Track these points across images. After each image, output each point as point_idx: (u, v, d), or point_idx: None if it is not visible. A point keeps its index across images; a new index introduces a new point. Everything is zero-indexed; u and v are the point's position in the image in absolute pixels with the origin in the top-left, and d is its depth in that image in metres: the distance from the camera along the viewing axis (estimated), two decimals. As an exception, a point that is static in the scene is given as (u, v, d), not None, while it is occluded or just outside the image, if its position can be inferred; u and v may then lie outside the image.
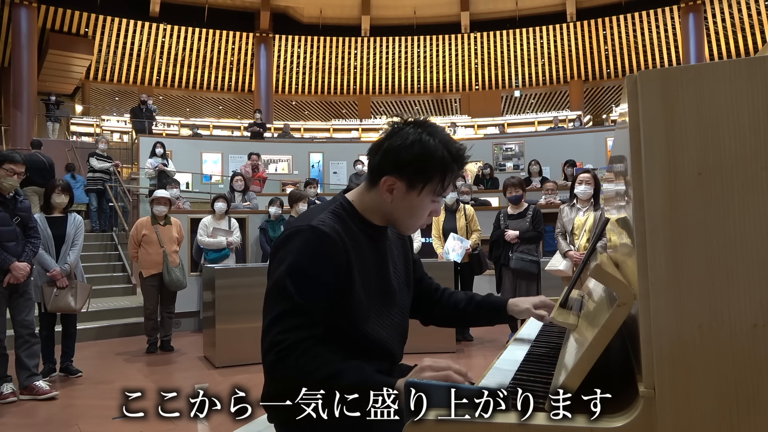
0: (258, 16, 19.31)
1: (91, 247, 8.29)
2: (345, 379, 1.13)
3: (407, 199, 1.28)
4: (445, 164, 1.26)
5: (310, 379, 1.13)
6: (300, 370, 1.14)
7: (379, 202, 1.32)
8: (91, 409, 3.72)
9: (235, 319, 4.78)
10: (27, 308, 3.98)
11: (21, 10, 15.50)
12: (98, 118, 18.30)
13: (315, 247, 1.22)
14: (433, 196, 1.29)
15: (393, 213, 1.32)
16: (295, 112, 22.45)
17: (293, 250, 1.23)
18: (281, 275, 1.21)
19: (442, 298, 1.57)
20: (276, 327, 1.18)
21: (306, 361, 1.15)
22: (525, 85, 20.88)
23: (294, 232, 1.26)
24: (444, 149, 1.26)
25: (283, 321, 1.18)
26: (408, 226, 1.36)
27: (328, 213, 1.30)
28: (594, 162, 10.14)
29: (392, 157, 1.26)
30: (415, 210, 1.31)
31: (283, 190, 10.97)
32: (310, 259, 1.21)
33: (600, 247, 1.65)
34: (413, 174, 1.26)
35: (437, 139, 1.26)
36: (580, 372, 0.98)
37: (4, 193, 3.89)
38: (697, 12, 17.52)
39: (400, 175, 1.26)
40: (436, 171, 1.26)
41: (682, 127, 0.95)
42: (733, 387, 0.91)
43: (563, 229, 4.83)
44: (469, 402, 1.00)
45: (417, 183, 1.26)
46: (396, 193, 1.28)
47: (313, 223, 1.25)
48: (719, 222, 0.93)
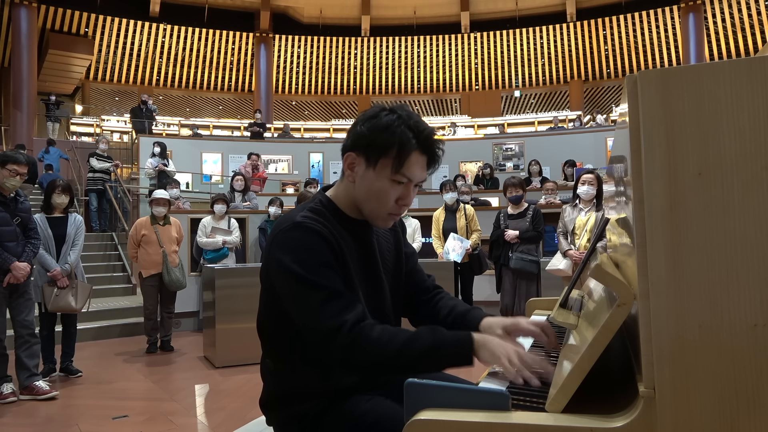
0: (258, 16, 19.32)
1: (91, 247, 8.29)
2: (420, 344, 1.15)
3: (366, 178, 1.26)
4: (403, 139, 1.23)
5: (388, 350, 1.15)
6: (376, 344, 1.15)
7: (349, 189, 1.31)
8: (91, 409, 3.72)
9: (235, 319, 4.78)
10: (27, 308, 3.99)
11: (21, 10, 15.50)
12: (98, 118, 18.31)
13: (308, 238, 1.22)
14: (391, 174, 1.24)
15: (358, 197, 1.30)
16: (295, 112, 22.46)
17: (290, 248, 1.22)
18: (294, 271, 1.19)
19: (431, 302, 1.50)
20: (326, 315, 1.16)
21: (377, 336, 1.16)
22: (525, 85, 20.89)
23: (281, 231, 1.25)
24: (403, 125, 1.24)
25: (328, 308, 1.17)
26: (374, 213, 1.30)
27: (306, 211, 1.29)
28: (594, 162, 10.15)
29: (352, 132, 1.28)
30: (375, 191, 1.26)
31: (283, 190, 10.97)
32: (310, 249, 1.21)
33: (600, 247, 1.65)
34: (368, 147, 1.24)
35: (397, 115, 1.25)
36: (580, 372, 0.98)
37: (5, 193, 3.90)
38: (697, 12, 17.52)
39: (358, 150, 1.26)
40: (391, 145, 1.22)
41: (682, 127, 0.95)
42: (733, 387, 0.91)
43: (565, 228, 4.83)
44: (470, 402, 1.00)
45: (372, 156, 1.24)
46: (357, 170, 1.27)
47: (297, 219, 1.24)
48: (719, 222, 0.93)
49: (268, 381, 1.37)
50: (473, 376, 1.28)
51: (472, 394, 1.02)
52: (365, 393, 1.29)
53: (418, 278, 1.53)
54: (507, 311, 5.10)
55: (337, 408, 1.27)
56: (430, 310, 1.49)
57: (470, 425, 0.97)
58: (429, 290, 1.52)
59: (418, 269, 1.54)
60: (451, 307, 1.46)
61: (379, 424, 1.23)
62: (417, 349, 1.15)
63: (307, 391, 1.29)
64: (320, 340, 1.17)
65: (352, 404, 1.27)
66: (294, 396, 1.30)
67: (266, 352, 1.37)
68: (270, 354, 1.36)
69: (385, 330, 1.18)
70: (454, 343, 1.17)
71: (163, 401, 3.86)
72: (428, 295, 1.51)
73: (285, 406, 1.32)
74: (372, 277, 1.35)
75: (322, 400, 1.28)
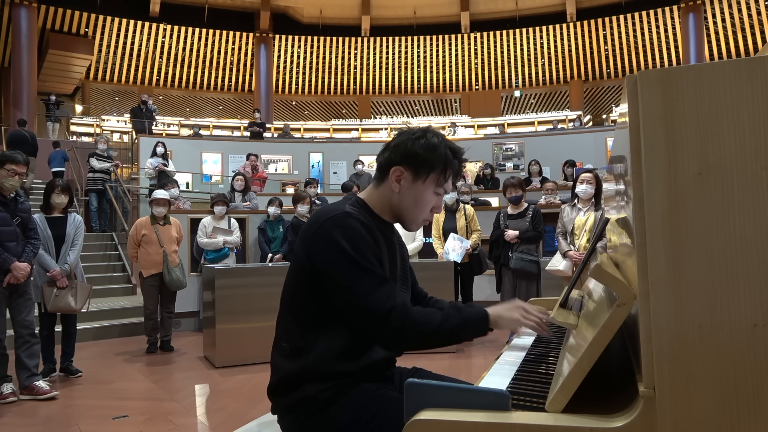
0: (258, 16, 19.33)
1: (91, 247, 8.29)
2: (451, 322, 1.35)
3: (413, 188, 1.44)
4: (447, 158, 1.44)
5: (429, 329, 1.32)
6: (420, 324, 1.32)
7: (388, 195, 1.47)
8: (91, 409, 3.72)
9: (235, 319, 4.78)
10: (27, 308, 3.98)
11: (21, 10, 15.50)
12: (98, 118, 18.31)
13: (359, 228, 1.35)
14: (435, 187, 1.45)
15: (400, 204, 1.46)
16: (295, 112, 22.46)
17: (344, 233, 1.34)
18: (349, 254, 1.32)
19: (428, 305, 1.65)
20: (379, 298, 1.31)
21: (418, 317, 1.33)
22: (525, 85, 20.89)
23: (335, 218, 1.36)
24: (445, 146, 1.44)
25: (380, 292, 1.31)
26: (413, 218, 1.48)
27: (349, 206, 1.42)
28: (594, 162, 10.14)
29: (401, 149, 1.44)
30: (419, 200, 1.45)
31: (283, 190, 10.97)
32: (362, 237, 1.35)
33: (600, 247, 1.65)
34: (419, 163, 1.42)
35: (439, 138, 1.46)
36: (580, 372, 0.98)
37: (5, 193, 3.89)
38: (697, 12, 17.52)
39: (407, 165, 1.43)
40: (438, 162, 1.43)
41: (682, 127, 0.95)
42: (733, 387, 0.91)
43: (564, 228, 4.83)
44: (470, 402, 1.00)
45: (422, 172, 1.43)
46: (403, 182, 1.44)
47: (347, 209, 1.39)
48: (719, 222, 0.93)
49: (280, 367, 1.42)
50: (473, 377, 1.29)
51: (472, 394, 1.02)
52: (374, 382, 1.39)
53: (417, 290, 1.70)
54: (507, 311, 5.09)
55: (346, 394, 1.34)
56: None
57: (470, 425, 0.97)
58: (424, 298, 1.69)
59: (416, 282, 1.72)
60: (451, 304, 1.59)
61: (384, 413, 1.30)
62: (450, 325, 1.34)
63: (321, 373, 1.36)
64: (375, 320, 1.31)
65: (361, 392, 1.35)
66: (307, 378, 1.36)
67: (285, 335, 1.43)
68: (290, 336, 1.41)
69: (421, 312, 1.35)
70: (476, 319, 1.38)
71: (163, 401, 3.86)
72: (424, 302, 1.68)
73: (296, 388, 1.37)
74: (394, 273, 1.49)
75: (334, 384, 1.35)
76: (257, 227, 6.65)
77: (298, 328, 1.40)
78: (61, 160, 11.07)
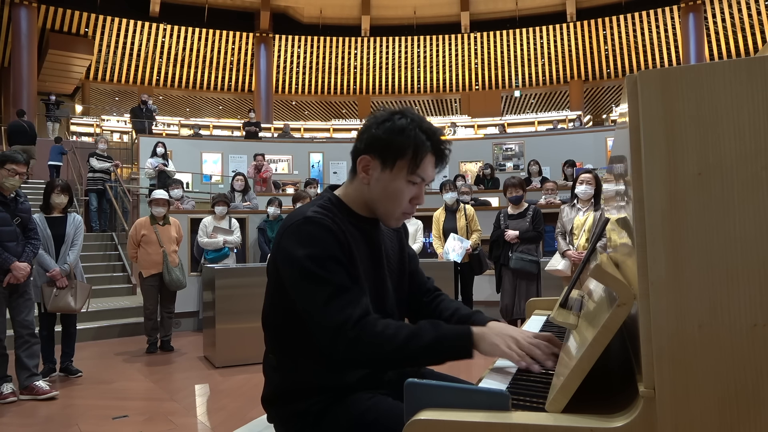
0: (258, 16, 19.33)
1: (91, 247, 8.29)
2: (422, 339, 1.18)
3: (383, 179, 1.30)
4: (417, 141, 1.27)
5: (392, 344, 1.18)
6: (382, 337, 1.18)
7: (361, 189, 1.34)
8: (91, 409, 3.72)
9: (235, 319, 4.78)
10: (27, 308, 3.98)
11: (21, 10, 15.51)
12: (98, 118, 18.32)
13: (318, 233, 1.24)
14: (408, 175, 1.29)
15: (372, 198, 1.33)
16: (295, 112, 22.47)
17: (300, 241, 1.24)
18: (302, 265, 1.21)
19: (432, 303, 1.53)
20: (332, 310, 1.19)
21: (381, 330, 1.19)
22: (525, 85, 20.90)
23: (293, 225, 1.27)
24: (416, 128, 1.28)
25: (334, 303, 1.19)
26: (389, 213, 1.34)
27: (316, 207, 1.31)
28: (594, 162, 10.14)
29: (365, 135, 1.31)
30: (391, 191, 1.30)
31: (283, 190, 10.97)
32: (320, 243, 1.23)
33: (600, 247, 1.65)
34: (385, 149, 1.28)
35: (409, 119, 1.29)
36: (580, 372, 0.98)
37: (5, 193, 3.90)
38: (697, 12, 17.53)
39: (373, 153, 1.29)
40: (407, 147, 1.27)
41: (682, 127, 0.95)
42: (733, 387, 0.91)
43: (563, 228, 4.83)
44: (470, 402, 1.00)
45: (389, 158, 1.28)
46: (372, 172, 1.31)
47: (308, 214, 1.27)
48: (719, 222, 0.93)
49: (270, 377, 1.37)
50: (473, 376, 1.29)
51: (472, 394, 1.02)
52: (367, 391, 1.30)
53: (420, 280, 1.55)
54: (507, 311, 5.10)
55: (339, 405, 1.28)
56: (432, 311, 1.51)
57: (470, 425, 0.97)
58: (430, 292, 1.55)
59: (419, 271, 1.57)
60: (453, 309, 1.48)
61: (380, 422, 1.23)
62: (420, 342, 1.18)
63: (310, 387, 1.30)
64: (326, 334, 1.19)
65: (354, 402, 1.27)
66: (296, 392, 1.31)
67: (270, 348, 1.38)
68: (274, 349, 1.37)
69: (388, 324, 1.20)
70: (455, 337, 1.20)
71: (163, 401, 3.86)
72: (429, 296, 1.54)
73: (287, 402, 1.32)
74: (377, 274, 1.37)
75: (325, 397, 1.29)
76: (257, 227, 6.65)
77: (280, 345, 1.35)
78: (58, 155, 11.10)
